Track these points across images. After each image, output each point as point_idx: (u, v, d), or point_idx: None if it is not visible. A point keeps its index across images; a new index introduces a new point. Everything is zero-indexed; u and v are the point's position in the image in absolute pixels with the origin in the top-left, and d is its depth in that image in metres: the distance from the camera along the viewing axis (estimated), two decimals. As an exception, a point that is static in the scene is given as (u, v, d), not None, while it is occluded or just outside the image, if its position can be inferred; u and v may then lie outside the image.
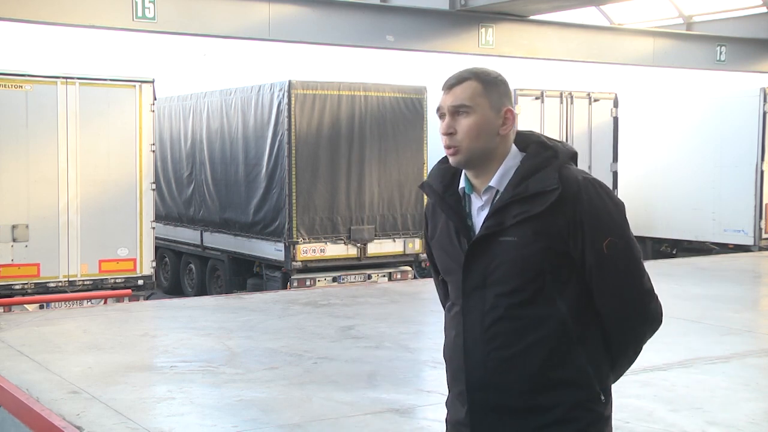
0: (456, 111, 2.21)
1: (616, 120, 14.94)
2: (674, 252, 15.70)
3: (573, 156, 2.28)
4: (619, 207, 2.21)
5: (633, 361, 2.32)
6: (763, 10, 13.51)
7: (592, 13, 13.77)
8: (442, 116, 2.25)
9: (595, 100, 14.79)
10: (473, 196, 2.27)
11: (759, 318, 9.12)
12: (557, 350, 2.15)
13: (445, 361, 2.38)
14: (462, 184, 2.28)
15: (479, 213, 2.25)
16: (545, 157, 2.22)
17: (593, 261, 2.15)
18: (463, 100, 2.20)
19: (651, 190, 15.39)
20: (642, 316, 2.22)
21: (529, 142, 2.28)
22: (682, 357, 6.45)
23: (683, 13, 14.08)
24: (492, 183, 2.23)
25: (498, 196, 2.22)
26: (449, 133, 2.21)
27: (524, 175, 2.19)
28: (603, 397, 2.19)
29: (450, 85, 2.24)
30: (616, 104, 15.00)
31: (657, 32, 13.45)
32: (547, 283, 2.16)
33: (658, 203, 15.40)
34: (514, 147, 2.27)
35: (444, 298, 2.49)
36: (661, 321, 2.26)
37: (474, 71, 2.25)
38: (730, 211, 14.66)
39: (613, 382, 2.31)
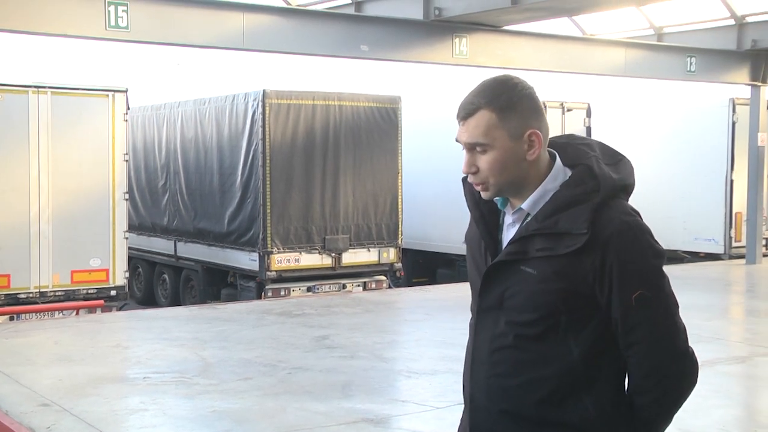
0: (472, 148, 2.04)
1: (589, 130, 15.06)
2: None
3: (624, 188, 2.06)
4: (659, 257, 2.02)
5: (665, 421, 2.08)
6: (731, 22, 13.69)
7: (565, 24, 13.88)
8: (463, 149, 2.08)
9: (569, 110, 14.91)
10: (507, 210, 2.12)
11: (729, 326, 9.22)
12: (558, 392, 2.02)
13: None
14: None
15: (508, 229, 2.11)
16: (585, 189, 2.01)
17: (620, 313, 1.98)
18: (477, 137, 2.01)
19: (623, 199, 15.54)
20: (672, 378, 2.02)
21: (579, 161, 2.07)
22: (654, 365, 6.49)
23: (654, 25, 14.22)
24: (523, 206, 2.06)
25: (526, 222, 2.06)
26: (472, 172, 2.05)
27: (556, 208, 2.01)
28: None
29: (462, 117, 2.04)
30: (589, 114, 15.13)
31: (629, 43, 13.57)
32: (561, 324, 2.01)
33: (630, 212, 15.55)
34: (558, 164, 2.08)
35: None
36: (695, 383, 2.06)
37: (487, 94, 2.02)
38: (700, 220, 14.82)
39: None
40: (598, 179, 2.03)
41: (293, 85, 13.45)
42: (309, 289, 12.21)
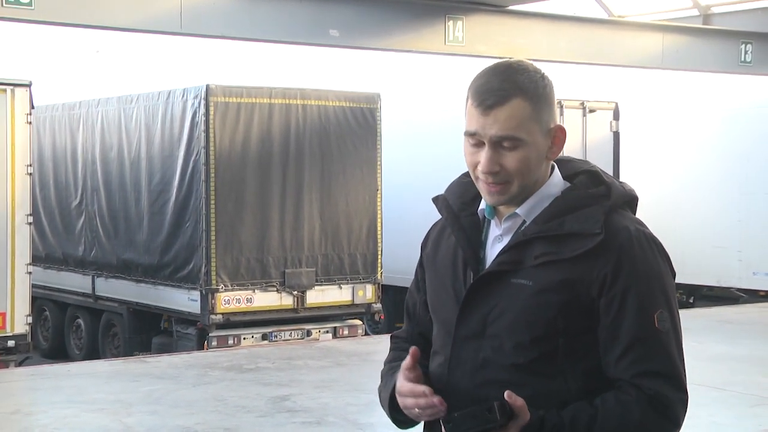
0: (500, 143, 2.15)
1: (616, 135, 15.15)
2: (691, 300, 15.88)
3: (631, 201, 2.30)
4: (673, 273, 2.24)
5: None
6: (796, 0, 13.86)
7: (587, 3, 14.03)
8: (477, 144, 2.18)
9: (591, 111, 15.01)
10: (493, 222, 2.28)
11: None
12: None
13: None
14: (483, 204, 2.28)
15: (494, 244, 2.26)
16: (594, 193, 2.23)
17: (638, 336, 2.13)
18: (512, 130, 2.14)
19: (660, 221, 15.56)
20: (662, 418, 2.18)
21: (578, 171, 2.30)
22: (702, 432, 6.50)
23: (699, 4, 14.39)
24: (519, 210, 2.22)
25: (522, 228, 2.22)
26: (495, 172, 2.16)
27: (562, 210, 2.19)
28: None
29: (489, 105, 2.14)
30: (616, 116, 15.22)
31: (667, 27, 13.73)
32: (559, 350, 2.15)
33: (669, 238, 15.51)
34: (557, 173, 2.28)
35: (412, 334, 2.45)
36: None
37: (518, 81, 2.15)
38: (760, 250, 14.88)
39: None
40: (607, 185, 2.26)
41: (245, 80, 13.48)
42: (264, 337, 12.20)
